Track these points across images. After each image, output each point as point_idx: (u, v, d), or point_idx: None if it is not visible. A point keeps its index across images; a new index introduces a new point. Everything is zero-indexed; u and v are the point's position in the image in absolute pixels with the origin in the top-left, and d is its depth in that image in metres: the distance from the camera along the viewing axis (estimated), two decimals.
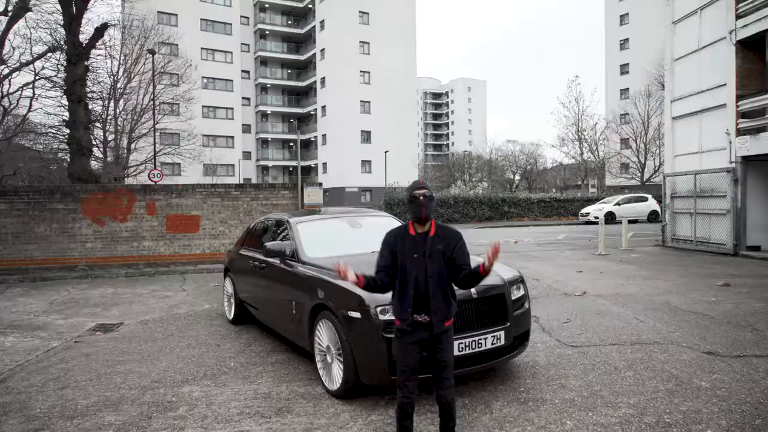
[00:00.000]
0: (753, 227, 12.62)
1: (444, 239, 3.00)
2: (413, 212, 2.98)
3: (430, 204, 2.97)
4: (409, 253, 2.96)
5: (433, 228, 3.02)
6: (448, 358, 3.01)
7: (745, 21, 12.34)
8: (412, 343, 2.98)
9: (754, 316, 6.56)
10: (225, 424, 3.83)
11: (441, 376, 3.01)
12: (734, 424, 3.57)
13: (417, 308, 2.96)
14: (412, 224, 3.04)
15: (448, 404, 3.02)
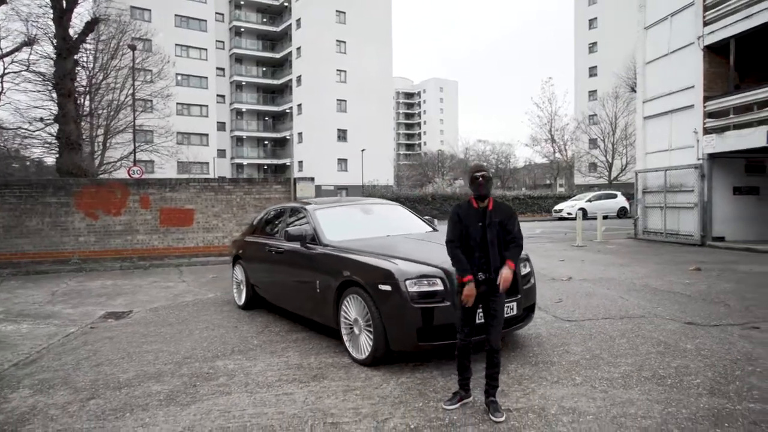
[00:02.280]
0: (718, 220, 13.52)
1: (500, 212, 3.58)
2: (474, 190, 3.56)
3: (488, 184, 3.56)
4: (474, 222, 3.54)
5: (491, 203, 3.59)
6: (500, 310, 3.57)
7: (712, 28, 13.20)
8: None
9: (725, 294, 7.24)
10: (268, 389, 4.18)
11: (492, 323, 3.58)
12: (718, 375, 4.14)
13: (481, 267, 3.52)
14: (473, 199, 3.60)
15: (496, 350, 3.55)
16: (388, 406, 3.75)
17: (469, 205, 3.63)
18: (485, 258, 3.52)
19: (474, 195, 3.59)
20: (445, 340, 4.36)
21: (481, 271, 3.53)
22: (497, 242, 3.53)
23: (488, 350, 3.60)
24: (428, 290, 4.35)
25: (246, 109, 55.15)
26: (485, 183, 3.54)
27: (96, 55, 24.74)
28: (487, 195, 3.57)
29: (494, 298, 3.55)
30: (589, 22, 60.14)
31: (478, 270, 3.52)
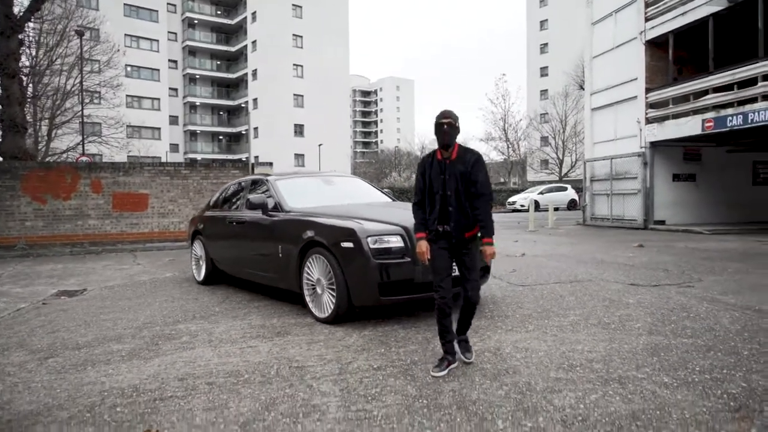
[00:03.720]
0: (659, 205, 14.32)
1: (463, 161, 3.38)
2: (439, 138, 3.38)
3: (453, 132, 3.34)
4: (437, 175, 3.40)
5: (455, 152, 3.39)
6: (473, 262, 3.42)
7: (652, 23, 13.97)
8: (441, 248, 3.41)
9: (665, 264, 7.76)
10: (232, 344, 4.24)
11: (468, 277, 3.42)
12: (656, 320, 4.49)
13: (441, 220, 3.39)
14: (438, 151, 3.45)
15: (473, 302, 3.45)
16: (351, 353, 3.89)
17: (433, 156, 3.48)
18: (444, 209, 3.38)
19: (438, 144, 3.42)
20: (406, 294, 4.55)
21: (444, 223, 3.40)
22: (458, 195, 3.35)
23: (464, 304, 3.48)
24: (389, 247, 4.51)
25: (200, 103, 53.91)
26: (450, 131, 3.33)
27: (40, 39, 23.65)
28: (451, 144, 3.38)
29: (466, 251, 3.41)
30: (540, 24, 62.03)
31: (441, 222, 3.39)
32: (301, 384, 3.28)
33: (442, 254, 3.42)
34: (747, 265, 7.59)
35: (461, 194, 3.36)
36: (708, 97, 12.26)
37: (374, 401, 2.97)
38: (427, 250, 3.42)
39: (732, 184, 14.94)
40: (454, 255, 3.45)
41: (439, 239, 3.43)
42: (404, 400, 2.98)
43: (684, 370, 3.32)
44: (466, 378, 3.30)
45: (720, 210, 14.69)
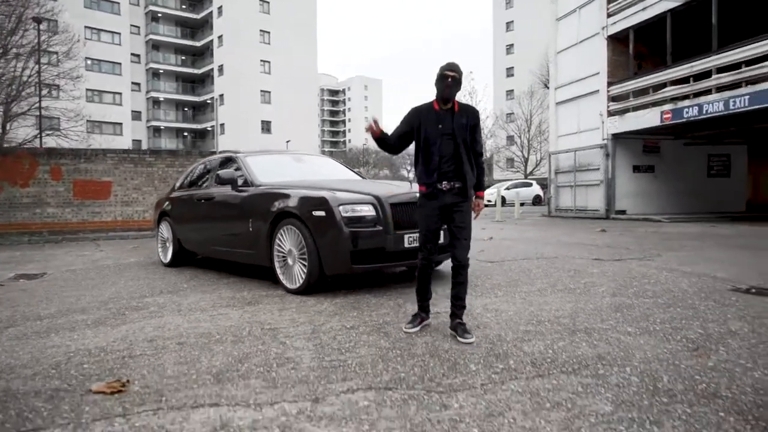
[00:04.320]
0: (620, 195, 14.79)
1: (467, 115, 3.22)
2: (440, 91, 3.16)
3: (456, 87, 3.14)
4: (434, 124, 3.16)
5: (456, 105, 3.22)
6: (467, 221, 3.24)
7: (614, 19, 14.42)
8: (436, 207, 3.19)
9: (626, 244, 8.04)
10: (202, 312, 4.19)
11: (460, 236, 3.21)
12: (619, 286, 4.67)
13: (442, 176, 3.16)
14: (436, 102, 3.23)
15: (464, 264, 3.24)
16: (324, 317, 3.90)
17: (429, 106, 3.24)
18: (456, 165, 3.16)
19: (438, 97, 3.20)
20: (378, 262, 4.59)
21: (446, 179, 3.17)
22: (466, 147, 3.17)
23: (455, 266, 3.26)
24: (360, 215, 4.53)
25: (164, 99, 52.68)
26: (453, 85, 3.13)
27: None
28: (452, 99, 3.18)
29: (459, 210, 3.21)
30: (506, 25, 63.09)
31: (442, 179, 3.16)
32: (274, 342, 3.27)
33: (434, 214, 3.22)
34: (702, 243, 7.93)
35: (467, 149, 3.19)
36: (666, 89, 12.73)
37: (348, 353, 2.99)
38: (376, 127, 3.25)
39: (689, 175, 15.55)
40: (446, 215, 3.24)
41: (438, 196, 3.18)
42: (378, 351, 3.01)
43: (646, 322, 3.46)
44: (437, 332, 3.36)
45: (677, 200, 15.27)
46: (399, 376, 2.60)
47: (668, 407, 2.14)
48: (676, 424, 1.98)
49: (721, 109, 11.15)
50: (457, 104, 3.22)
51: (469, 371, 2.64)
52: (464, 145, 3.16)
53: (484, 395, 2.32)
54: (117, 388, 2.52)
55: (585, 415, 2.09)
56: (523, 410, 2.15)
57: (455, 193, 3.20)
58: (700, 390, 2.31)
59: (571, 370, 2.60)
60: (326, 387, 2.49)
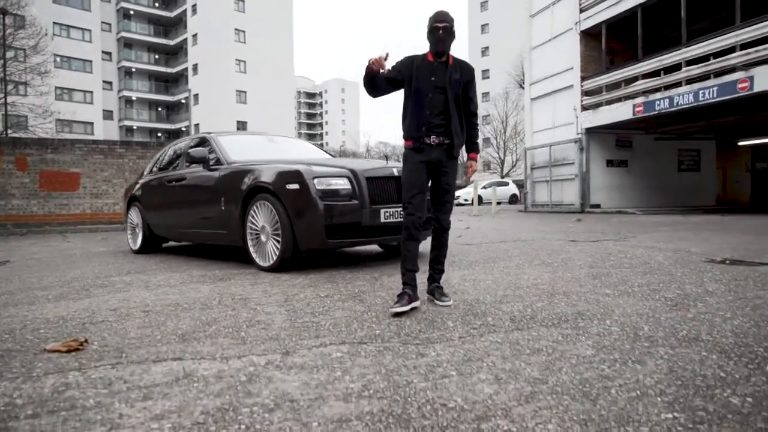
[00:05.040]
0: (595, 189, 14.97)
1: (461, 70, 3.02)
2: (431, 44, 2.98)
3: (449, 38, 2.95)
4: (426, 76, 2.96)
5: (451, 59, 3.02)
6: (451, 184, 3.08)
7: (587, 14, 14.61)
8: (422, 162, 2.98)
9: (602, 230, 8.10)
10: (170, 287, 4.02)
11: (443, 199, 3.08)
12: (596, 260, 4.66)
13: (430, 131, 2.97)
14: (430, 54, 3.02)
15: (446, 228, 3.12)
16: (297, 288, 3.77)
17: (424, 57, 3.03)
18: (446, 120, 2.97)
19: (431, 50, 3.00)
20: (353, 237, 4.49)
21: (435, 134, 2.97)
22: (457, 103, 2.99)
23: (436, 229, 3.12)
24: (336, 188, 4.43)
25: (137, 98, 51.64)
26: (445, 37, 2.93)
27: None
28: (446, 52, 2.98)
29: (446, 170, 3.03)
30: (481, 27, 63.69)
31: (430, 133, 2.96)
32: (245, 308, 3.14)
33: (420, 168, 2.98)
34: (675, 228, 8.03)
35: (459, 105, 3.00)
36: (638, 83, 12.94)
37: (321, 316, 2.88)
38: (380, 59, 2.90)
39: (660, 170, 15.84)
40: (433, 173, 3.05)
41: (424, 150, 2.97)
42: (352, 314, 2.91)
43: (624, 286, 3.43)
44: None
45: (650, 194, 15.53)
46: (374, 332, 2.51)
47: (650, 350, 2.09)
48: (659, 363, 1.93)
49: (691, 100, 11.37)
50: (452, 58, 3.03)
51: (446, 327, 2.56)
52: (455, 101, 2.97)
53: (463, 345, 2.25)
54: (74, 347, 2.37)
55: (566, 358, 2.02)
56: (503, 356, 2.08)
57: (443, 149, 2.98)
58: (681, 336, 2.27)
59: (550, 324, 2.54)
60: (297, 342, 2.38)
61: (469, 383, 1.78)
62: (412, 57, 3.07)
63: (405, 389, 1.76)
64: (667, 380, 1.75)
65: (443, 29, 2.92)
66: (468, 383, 1.78)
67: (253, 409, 1.64)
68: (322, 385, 1.82)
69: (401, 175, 3.14)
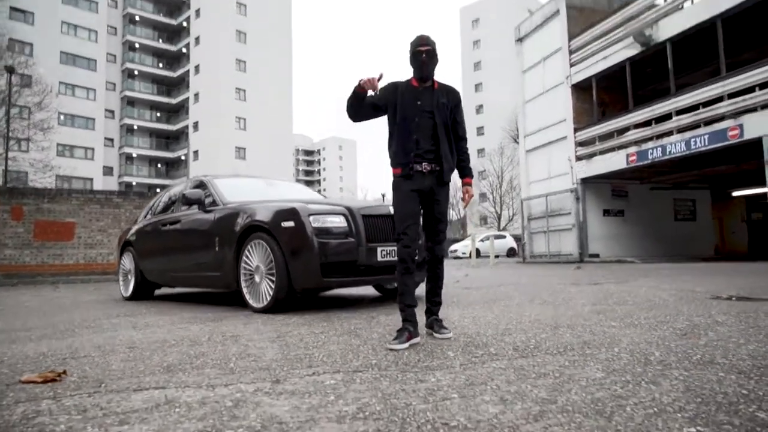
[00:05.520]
0: (593, 238, 14.93)
1: (447, 94, 2.96)
2: (415, 69, 2.91)
3: (432, 62, 2.87)
4: (412, 101, 2.88)
5: (436, 84, 2.96)
6: (444, 212, 2.96)
7: (577, 68, 15.09)
8: (413, 190, 2.86)
9: (602, 275, 8.00)
10: (159, 327, 3.88)
11: (437, 228, 2.95)
12: (599, 299, 4.56)
13: (418, 158, 2.86)
14: (414, 80, 2.95)
15: (439, 258, 2.98)
16: (291, 327, 3.63)
17: (408, 83, 2.96)
18: (435, 145, 2.86)
19: (415, 75, 2.93)
20: (349, 276, 4.37)
21: (427, 161, 2.85)
22: (446, 128, 2.90)
23: (430, 260, 2.98)
24: (331, 226, 4.36)
25: (137, 155, 52.41)
26: (429, 60, 2.86)
27: None
28: (431, 76, 2.91)
29: (438, 199, 2.91)
30: (475, 87, 65.78)
31: (422, 160, 2.85)
32: (235, 344, 3.00)
33: (412, 197, 2.85)
34: (676, 272, 7.93)
35: (448, 129, 2.92)
36: (630, 133, 13.18)
37: (315, 349, 2.75)
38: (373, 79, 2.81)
39: (657, 219, 15.87)
40: (425, 202, 2.92)
41: (414, 177, 2.85)
42: (348, 347, 2.77)
43: (629, 319, 3.31)
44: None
45: (648, 244, 15.48)
46: (370, 362, 2.37)
47: (663, 372, 1.97)
48: (675, 383, 1.80)
49: (683, 149, 11.54)
50: (437, 83, 2.96)
51: (446, 357, 2.43)
52: (444, 126, 2.88)
53: (464, 371, 2.12)
54: (50, 378, 2.22)
55: (575, 380, 1.89)
56: (507, 380, 1.95)
57: (435, 176, 2.87)
58: (695, 360, 2.15)
59: (556, 352, 2.41)
60: (289, 372, 2.24)
61: (473, 404, 1.66)
62: (395, 83, 2.99)
63: (403, 411, 1.62)
64: (686, 398, 1.62)
65: (426, 53, 2.84)
66: (471, 404, 1.66)
67: (238, 431, 1.50)
68: (314, 408, 1.69)
69: (392, 204, 2.99)
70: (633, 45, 13.08)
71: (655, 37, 12.53)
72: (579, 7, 15.87)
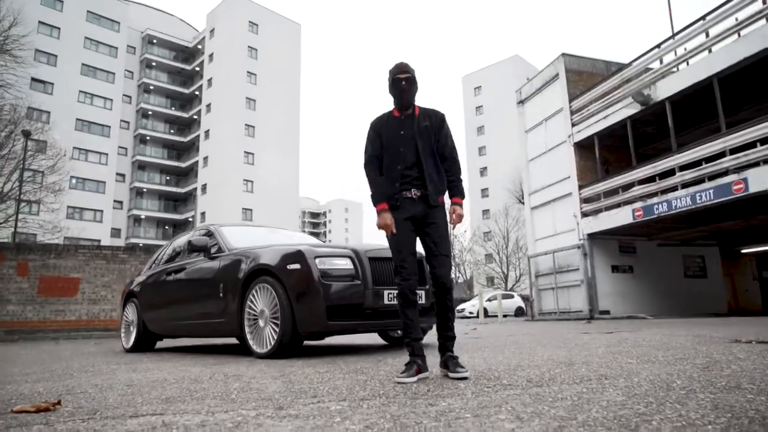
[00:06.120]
0: (602, 295, 14.67)
1: (430, 117, 2.90)
2: (396, 97, 2.88)
3: (412, 89, 2.85)
4: (395, 131, 2.85)
5: (417, 110, 2.92)
6: (441, 234, 2.80)
7: (579, 128, 15.41)
8: (406, 219, 2.78)
9: (615, 327, 7.75)
10: (161, 370, 3.76)
11: (437, 251, 2.77)
12: (612, 343, 4.40)
13: (405, 185, 2.80)
14: (396, 110, 2.93)
15: (445, 284, 2.77)
16: (295, 367, 3.52)
17: (389, 114, 2.94)
18: (420, 172, 2.80)
19: (396, 104, 2.90)
20: (356, 319, 4.27)
21: (414, 187, 2.79)
22: (431, 153, 2.83)
23: (438, 290, 2.78)
24: (337, 268, 4.31)
25: (145, 216, 53.04)
26: (409, 88, 2.83)
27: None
28: (411, 103, 2.87)
29: (434, 222, 2.79)
30: (479, 150, 67.10)
31: (410, 186, 2.80)
32: (237, 381, 2.89)
33: (405, 226, 2.78)
34: (692, 324, 7.70)
35: (432, 152, 2.84)
36: (635, 188, 13.26)
37: (320, 384, 2.64)
38: (392, 222, 2.77)
39: (667, 276, 15.64)
40: (418, 229, 2.83)
41: (403, 206, 2.79)
42: (354, 382, 2.67)
43: (647, 357, 3.19)
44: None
45: (659, 300, 15.17)
46: (378, 392, 2.27)
47: (688, 395, 1.86)
48: (702, 403, 1.70)
49: (689, 203, 11.55)
50: (418, 108, 2.92)
51: (457, 387, 2.32)
52: (427, 150, 2.81)
53: (477, 398, 2.01)
54: (43, 408, 2.13)
55: (595, 402, 1.79)
56: (523, 403, 1.85)
57: (423, 203, 2.78)
58: (720, 386, 2.04)
59: (572, 382, 2.30)
60: (293, 401, 2.14)
61: (488, 422, 1.56)
62: (377, 118, 2.97)
63: (414, 428, 1.53)
64: (714, 414, 1.52)
65: (406, 80, 2.81)
66: (486, 422, 1.56)
67: None
68: (319, 427, 1.60)
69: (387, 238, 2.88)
70: (633, 105, 13.41)
71: (654, 96, 12.87)
72: (578, 71, 16.44)
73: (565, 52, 16.61)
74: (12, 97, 24.24)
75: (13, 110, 25.53)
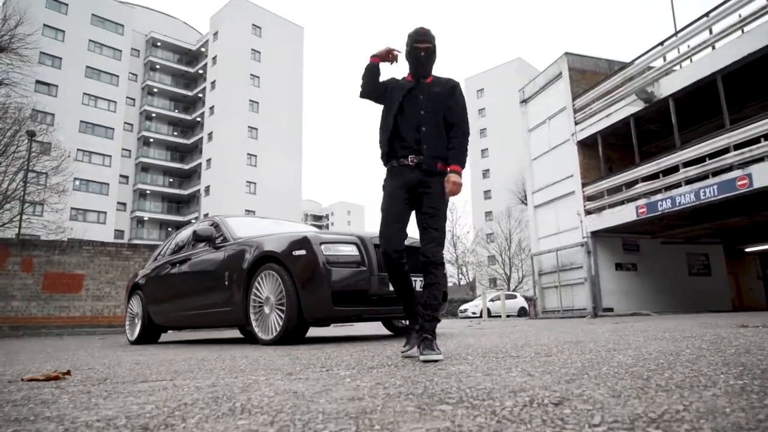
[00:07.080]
0: (606, 292, 14.62)
1: (440, 83, 2.74)
2: (412, 65, 2.72)
3: (430, 60, 2.70)
4: (399, 91, 2.72)
5: (430, 78, 2.77)
6: (436, 206, 2.59)
7: (581, 126, 15.40)
8: (400, 187, 2.62)
9: (620, 323, 7.74)
10: (167, 353, 3.77)
11: (427, 225, 2.57)
12: (617, 329, 4.39)
13: (406, 149, 2.65)
14: (410, 75, 2.78)
15: (433, 262, 2.54)
16: (301, 351, 3.52)
17: (403, 78, 2.81)
18: (423, 137, 2.62)
19: (411, 72, 2.74)
20: (362, 305, 4.27)
21: (413, 153, 2.62)
22: (434, 120, 2.64)
23: (424, 263, 2.55)
24: (343, 254, 4.31)
25: (148, 218, 53.16)
26: (427, 58, 2.67)
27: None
28: (428, 75, 2.73)
29: (427, 191, 2.59)
30: (481, 152, 67.12)
31: (408, 153, 2.63)
32: (245, 360, 2.90)
33: (397, 195, 2.61)
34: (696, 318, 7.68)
35: (437, 117, 2.66)
36: (638, 186, 13.23)
37: (328, 360, 2.64)
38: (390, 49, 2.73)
39: (671, 273, 15.59)
40: (413, 200, 2.64)
41: (402, 172, 2.64)
42: (361, 357, 2.67)
43: (654, 336, 3.18)
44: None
45: (663, 298, 15.12)
46: (386, 363, 2.27)
47: (698, 359, 1.85)
48: (712, 361, 1.70)
49: (693, 199, 11.52)
50: (432, 77, 2.76)
51: (466, 358, 2.32)
52: (434, 116, 2.64)
53: (486, 364, 2.01)
54: (53, 376, 2.14)
55: (605, 363, 1.79)
56: (532, 365, 1.84)
57: (420, 170, 2.61)
58: (729, 353, 2.03)
59: (581, 353, 2.30)
60: (302, 370, 2.14)
61: (498, 378, 1.56)
62: (393, 77, 2.87)
63: (425, 382, 1.53)
64: (726, 368, 1.52)
65: (425, 50, 2.65)
66: (497, 378, 1.56)
67: (251, 396, 1.42)
68: (329, 385, 1.60)
69: (382, 202, 2.72)
70: (636, 102, 13.39)
71: (658, 94, 12.85)
72: (581, 69, 16.43)
73: (568, 51, 16.62)
74: (18, 95, 24.34)
75: (18, 110, 25.65)
